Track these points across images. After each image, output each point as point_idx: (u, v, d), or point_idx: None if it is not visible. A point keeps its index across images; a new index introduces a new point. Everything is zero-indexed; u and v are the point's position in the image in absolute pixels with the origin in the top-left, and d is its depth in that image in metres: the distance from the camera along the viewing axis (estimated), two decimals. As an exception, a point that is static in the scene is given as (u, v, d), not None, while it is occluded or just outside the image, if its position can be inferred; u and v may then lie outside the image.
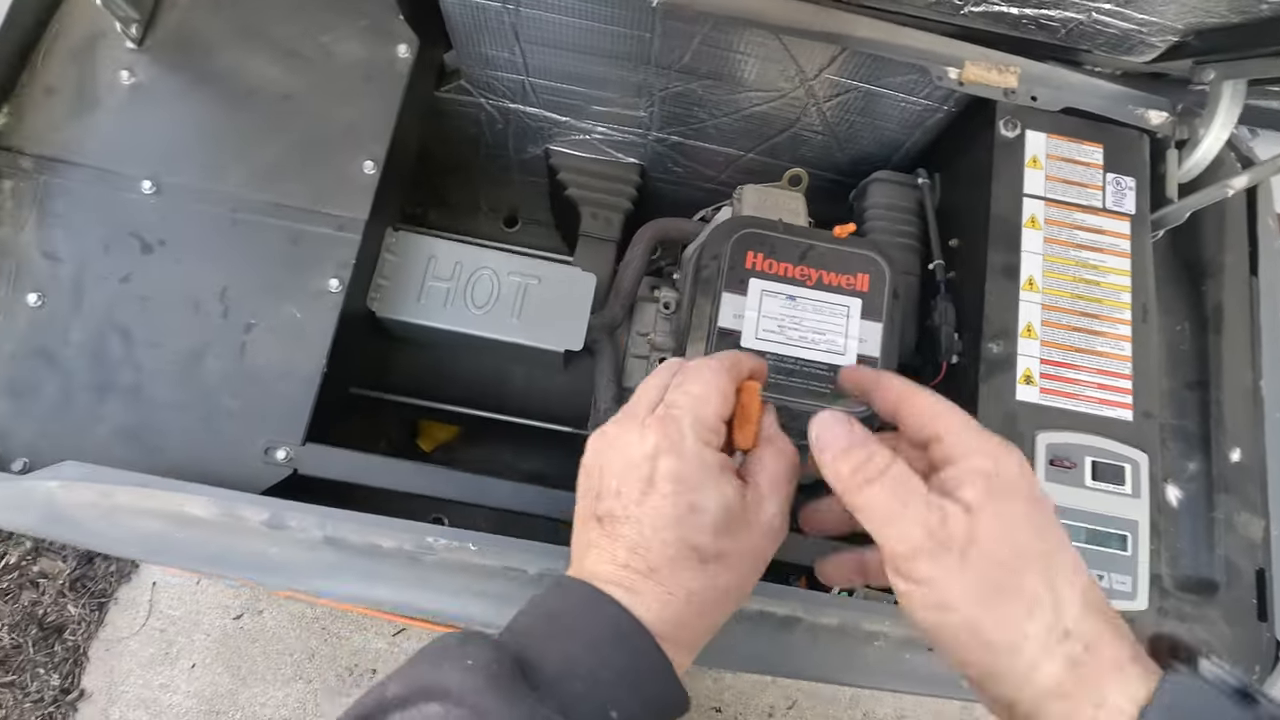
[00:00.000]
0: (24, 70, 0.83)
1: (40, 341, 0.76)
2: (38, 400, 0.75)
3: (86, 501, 0.66)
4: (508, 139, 1.25)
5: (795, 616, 0.69)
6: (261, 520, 0.67)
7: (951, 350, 0.87)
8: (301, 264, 0.81)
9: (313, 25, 0.88)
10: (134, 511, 0.67)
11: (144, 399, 0.76)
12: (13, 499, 0.66)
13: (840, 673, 0.71)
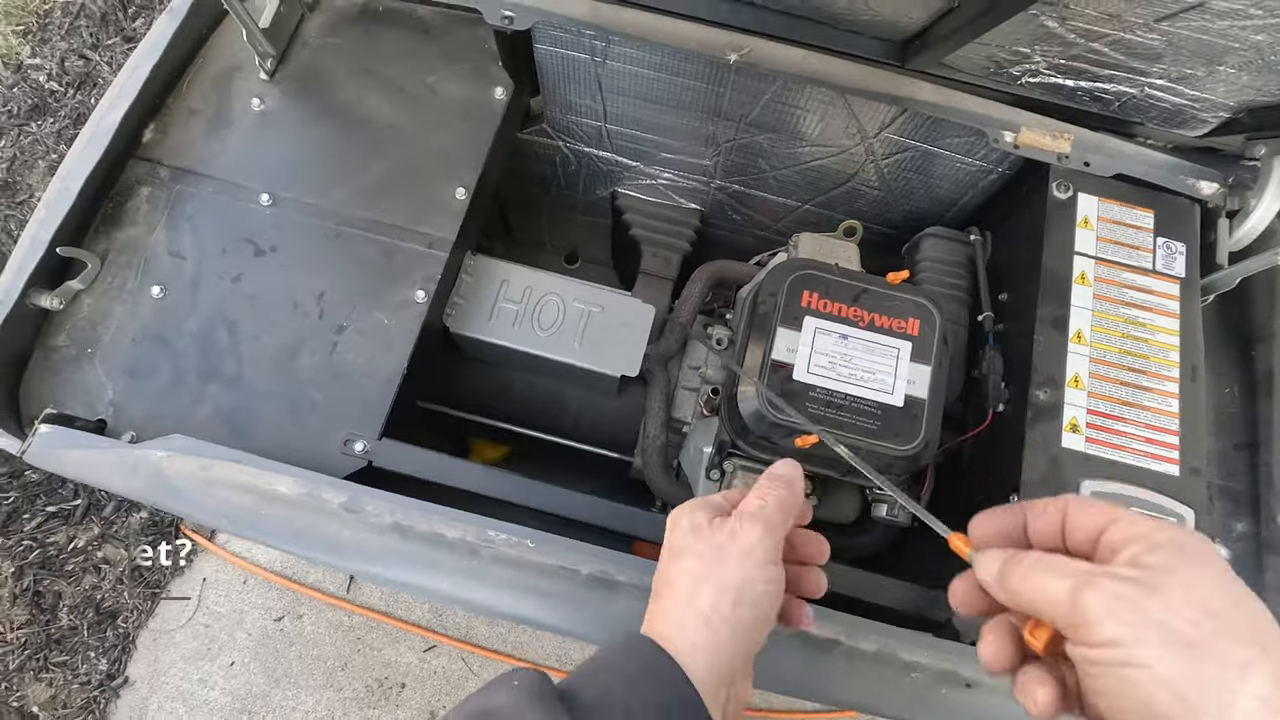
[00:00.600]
0: (171, 94, 0.94)
1: (159, 329, 0.85)
2: (151, 381, 0.83)
3: (188, 472, 0.73)
4: (579, 180, 1.34)
5: (835, 640, 0.70)
6: (340, 503, 0.72)
7: (998, 399, 0.90)
8: (393, 276, 0.88)
9: (421, 67, 0.99)
10: (228, 485, 0.73)
11: (242, 386, 0.83)
12: (125, 465, 0.73)
13: (875, 700, 0.71)
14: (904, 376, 0.87)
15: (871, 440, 0.84)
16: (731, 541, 0.49)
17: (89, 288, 0.85)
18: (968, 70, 0.92)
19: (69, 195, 0.84)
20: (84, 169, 0.85)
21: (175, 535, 1.53)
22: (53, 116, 1.80)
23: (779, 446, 0.89)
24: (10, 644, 1.42)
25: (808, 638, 0.70)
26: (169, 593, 1.50)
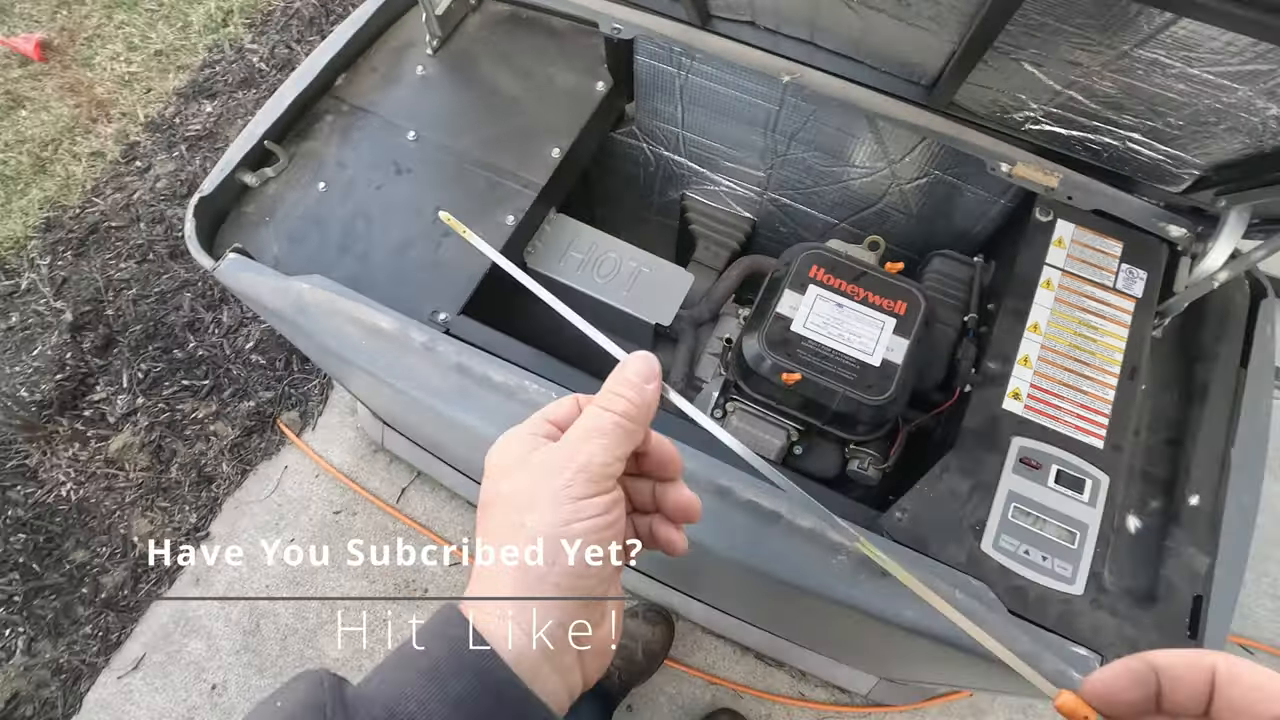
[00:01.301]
0: (361, 55, 1.27)
1: (317, 213, 1.13)
2: (304, 246, 1.11)
3: (319, 301, 0.98)
4: (655, 181, 1.59)
5: (777, 513, 0.86)
6: (421, 341, 0.96)
7: (966, 380, 1.05)
8: (493, 202, 1.14)
9: (545, 60, 1.27)
10: (345, 316, 0.98)
11: (367, 261, 1.10)
12: (278, 290, 1.00)
13: (803, 575, 0.86)
14: (884, 344, 1.04)
15: (848, 388, 1.02)
16: (551, 474, 0.39)
17: (276, 176, 1.16)
18: (980, 113, 1.12)
19: (279, 107, 1.15)
20: (292, 93, 1.17)
21: (271, 428, 1.82)
22: (256, 89, 2.25)
23: (772, 385, 1.07)
24: (131, 481, 1.72)
25: (758, 509, 0.87)
26: (256, 471, 1.78)
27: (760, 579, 0.92)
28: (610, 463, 0.40)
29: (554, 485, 0.39)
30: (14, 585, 1.61)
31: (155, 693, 1.59)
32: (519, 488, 0.40)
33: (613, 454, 0.40)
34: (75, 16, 2.42)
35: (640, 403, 0.42)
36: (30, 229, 2.01)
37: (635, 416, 0.42)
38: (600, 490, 0.40)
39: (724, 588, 1.29)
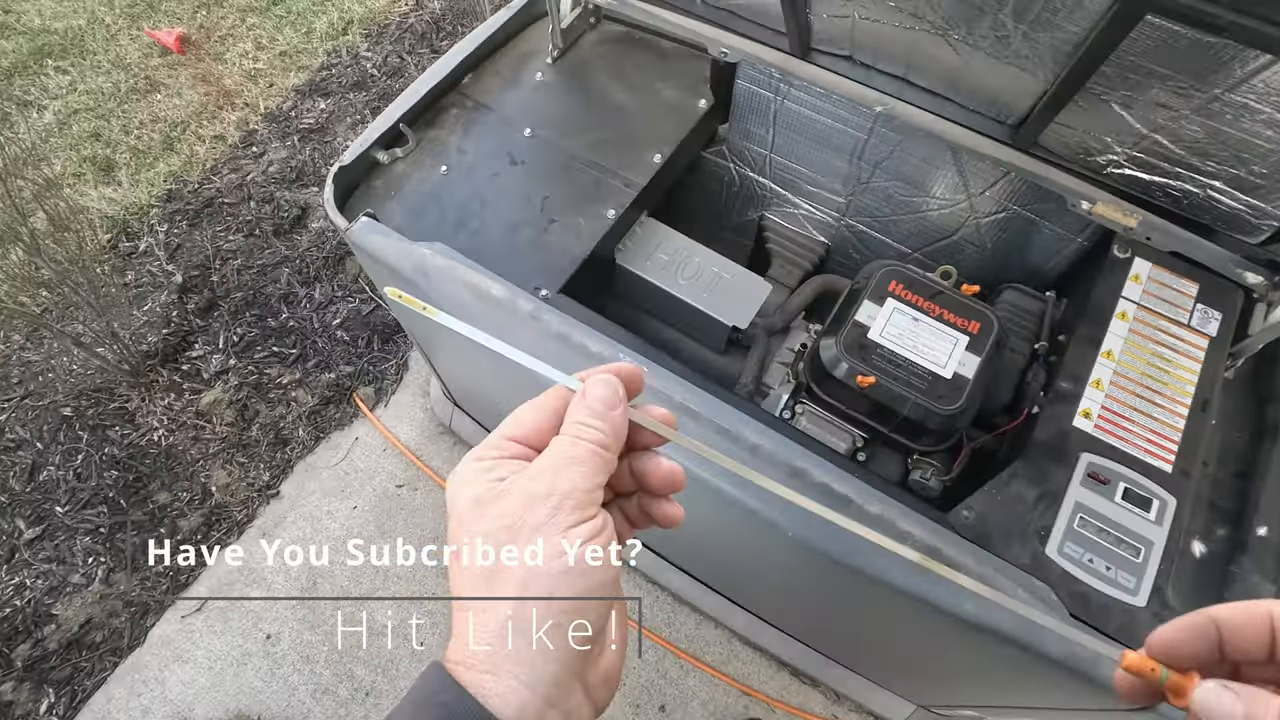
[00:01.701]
0: (488, 59, 1.39)
1: (438, 192, 1.24)
2: (423, 220, 1.21)
3: (438, 266, 1.08)
4: (736, 200, 1.68)
5: (848, 497, 0.91)
6: (528, 310, 1.04)
7: (1035, 402, 1.09)
8: (596, 198, 1.24)
9: (652, 76, 1.38)
10: (459, 280, 1.07)
11: (479, 238, 1.20)
12: (403, 252, 1.10)
13: (869, 561, 0.90)
14: (956, 359, 1.09)
15: (919, 395, 1.07)
16: (532, 505, 0.36)
17: (404, 157, 1.27)
18: (1063, 155, 1.18)
19: (415, 96, 1.27)
20: (426, 85, 1.29)
21: (347, 400, 1.93)
22: (366, 92, 2.43)
23: (845, 388, 1.12)
24: (216, 435, 1.84)
25: (830, 492, 0.92)
26: (329, 439, 1.88)
27: (824, 565, 0.96)
28: (592, 489, 0.38)
29: (537, 516, 0.36)
30: (102, 518, 1.72)
31: (214, 635, 1.67)
32: (495, 525, 0.36)
33: (594, 480, 0.38)
34: (213, 17, 2.67)
35: (611, 431, 0.40)
36: (153, 198, 2.19)
37: (609, 445, 0.39)
38: (587, 517, 0.37)
39: (777, 584, 1.32)
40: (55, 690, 1.58)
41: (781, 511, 0.94)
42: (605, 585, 0.37)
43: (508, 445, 0.40)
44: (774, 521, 0.95)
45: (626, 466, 0.43)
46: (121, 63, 2.54)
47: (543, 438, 0.40)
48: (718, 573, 1.56)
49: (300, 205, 2.16)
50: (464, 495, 0.38)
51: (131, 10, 2.68)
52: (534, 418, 0.41)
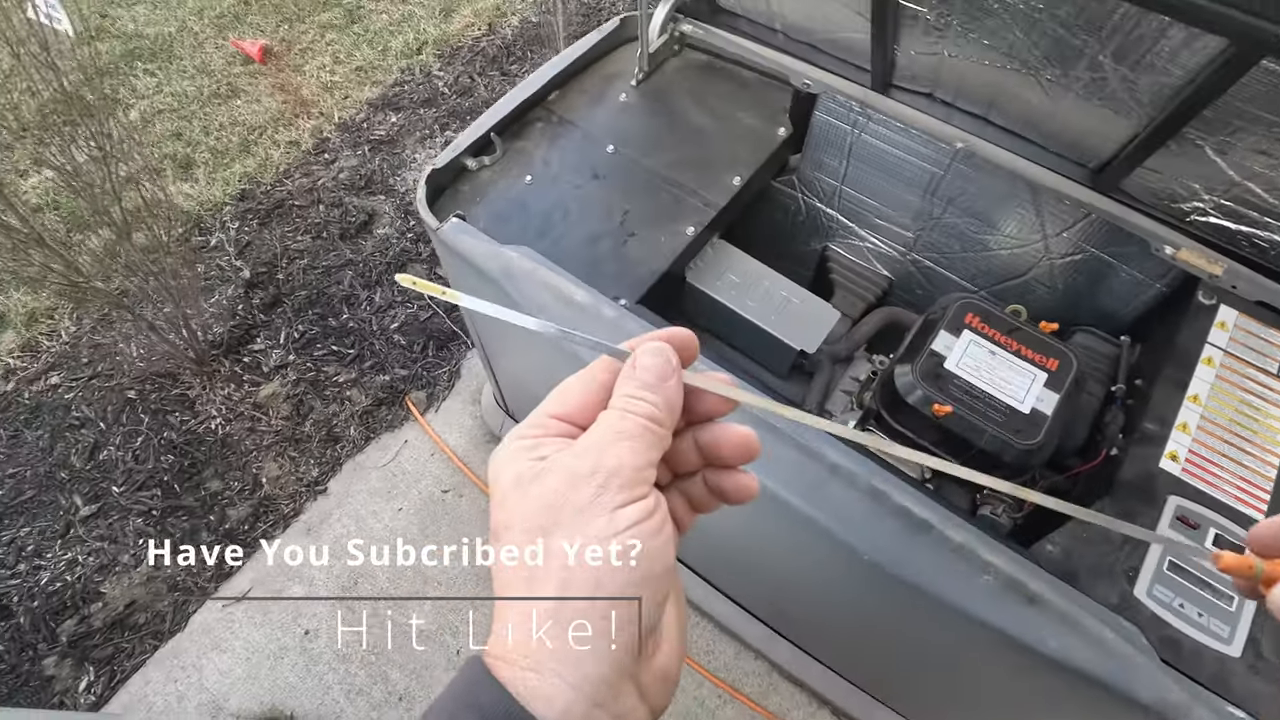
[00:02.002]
0: (575, 78, 1.44)
1: (522, 200, 1.28)
2: (507, 226, 1.25)
3: (524, 269, 1.11)
4: (799, 231, 1.70)
5: (929, 522, 0.90)
6: (611, 316, 1.06)
7: (1113, 444, 1.07)
8: (675, 215, 1.27)
9: (732, 103, 1.42)
10: (543, 284, 1.09)
11: (560, 246, 1.22)
12: (490, 254, 1.13)
13: (948, 589, 0.89)
14: (1034, 394, 1.09)
15: (996, 428, 1.06)
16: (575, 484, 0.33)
17: (491, 165, 1.31)
18: (1145, 200, 1.18)
19: (506, 108, 1.32)
20: (516, 99, 1.34)
21: (399, 403, 1.96)
22: (436, 108, 2.52)
23: (918, 415, 1.11)
24: (271, 428, 1.87)
25: (909, 515, 0.91)
26: (379, 440, 1.90)
27: (895, 592, 0.95)
28: (643, 466, 0.34)
29: (581, 496, 0.32)
30: (155, 500, 1.75)
31: (254, 626, 1.67)
32: (537, 506, 0.33)
33: (645, 457, 0.34)
34: (294, 31, 2.79)
35: (664, 404, 0.35)
36: (227, 197, 2.27)
37: (662, 420, 0.35)
38: (637, 496, 0.33)
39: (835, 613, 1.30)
40: (95, 669, 1.58)
41: (857, 532, 0.93)
42: (658, 575, 0.32)
43: (551, 423, 0.37)
44: (848, 543, 0.94)
45: (690, 441, 0.39)
46: (206, 69, 2.66)
47: (589, 414, 0.37)
48: (767, 599, 1.53)
49: (367, 211, 2.23)
50: (505, 474, 0.34)
51: (219, 21, 2.81)
52: (579, 392, 0.38)
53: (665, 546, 0.33)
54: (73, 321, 2.01)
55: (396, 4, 2.89)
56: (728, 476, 0.39)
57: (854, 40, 1.29)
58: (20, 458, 1.79)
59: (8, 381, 1.91)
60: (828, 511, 0.95)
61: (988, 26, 1.03)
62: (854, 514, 0.93)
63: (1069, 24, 0.93)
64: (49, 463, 1.79)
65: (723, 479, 0.39)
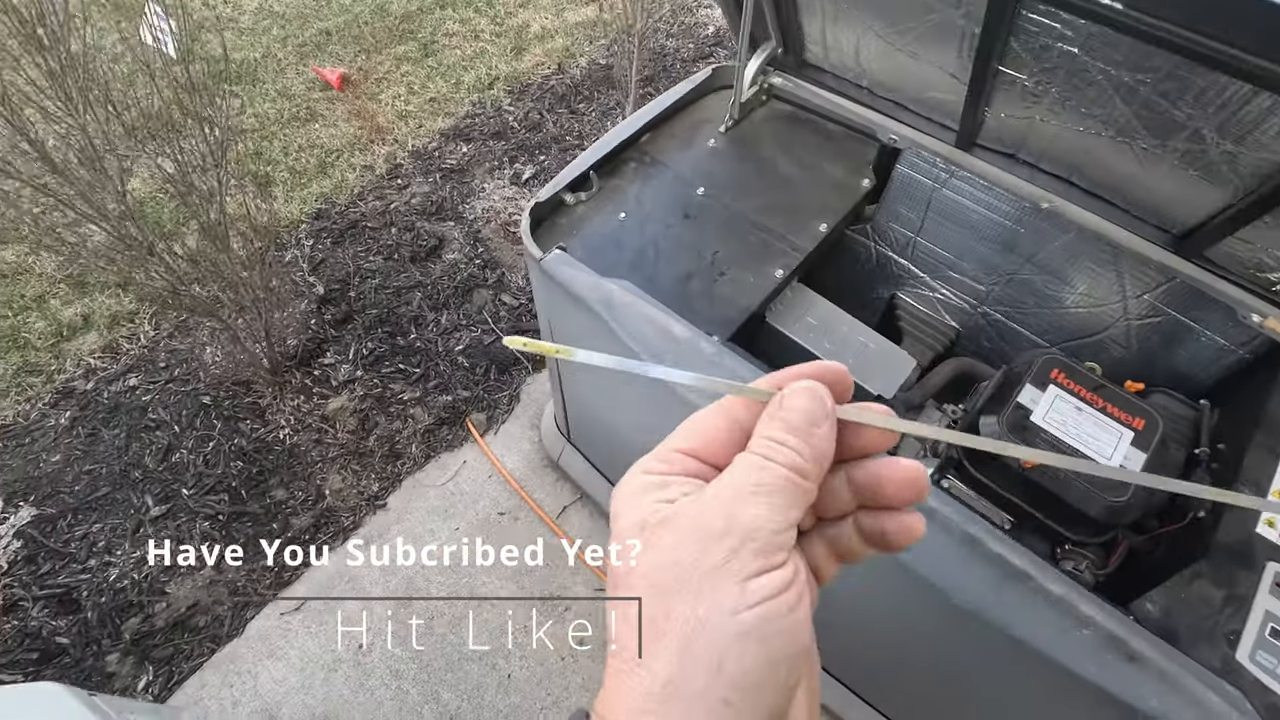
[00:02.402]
0: (666, 122, 1.51)
1: (616, 236, 1.33)
2: (601, 259, 1.29)
3: (625, 301, 1.15)
4: (866, 278, 1.74)
5: (1027, 572, 0.91)
6: (709, 352, 1.10)
7: (1200, 507, 1.08)
8: (764, 257, 1.31)
9: (817, 153, 1.47)
10: (644, 316, 1.13)
11: (653, 283, 1.27)
12: (592, 285, 1.17)
13: (1044, 641, 0.89)
14: (1121, 452, 1.10)
15: (1086, 483, 1.07)
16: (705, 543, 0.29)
17: (587, 200, 1.37)
18: (1231, 268, 1.21)
19: (605, 147, 1.38)
20: (615, 139, 1.40)
21: (460, 423, 1.99)
22: (505, 141, 2.61)
23: (1003, 467, 1.13)
24: (336, 441, 1.91)
25: (1005, 564, 0.92)
26: (439, 459, 1.94)
27: (987, 638, 0.95)
28: (782, 528, 0.30)
29: (710, 559, 0.29)
30: (222, 505, 1.79)
31: (309, 636, 1.69)
32: (661, 559, 0.29)
33: (785, 517, 0.30)
34: (371, 62, 2.93)
35: (812, 454, 0.31)
36: (304, 215, 2.36)
37: (808, 472, 0.31)
38: (773, 565, 0.29)
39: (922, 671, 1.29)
40: (155, 668, 1.61)
41: (950, 578, 0.94)
42: (790, 656, 0.28)
43: (678, 459, 0.33)
44: (940, 588, 0.95)
45: (842, 479, 0.34)
46: (287, 93, 2.79)
47: (722, 454, 0.33)
48: (846, 657, 1.53)
49: (437, 236, 2.31)
50: (627, 516, 0.31)
51: (301, 49, 2.95)
52: (711, 427, 0.34)
53: (800, 624, 0.29)
54: (152, 326, 2.09)
55: (469, 40, 3.02)
56: (890, 518, 0.33)
57: (941, 99, 1.34)
58: (97, 455, 1.85)
59: (88, 380, 1.98)
60: (919, 555, 0.96)
61: (1089, 96, 1.08)
62: (947, 559, 0.94)
63: (1175, 97, 0.97)
64: (124, 461, 1.84)
65: (884, 521, 0.34)
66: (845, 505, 0.34)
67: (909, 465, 0.33)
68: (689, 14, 3.20)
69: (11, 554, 1.68)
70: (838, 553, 0.35)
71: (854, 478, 0.34)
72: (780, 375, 0.34)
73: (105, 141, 1.44)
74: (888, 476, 0.33)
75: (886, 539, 0.34)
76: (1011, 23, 1.02)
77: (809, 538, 0.35)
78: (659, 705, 0.27)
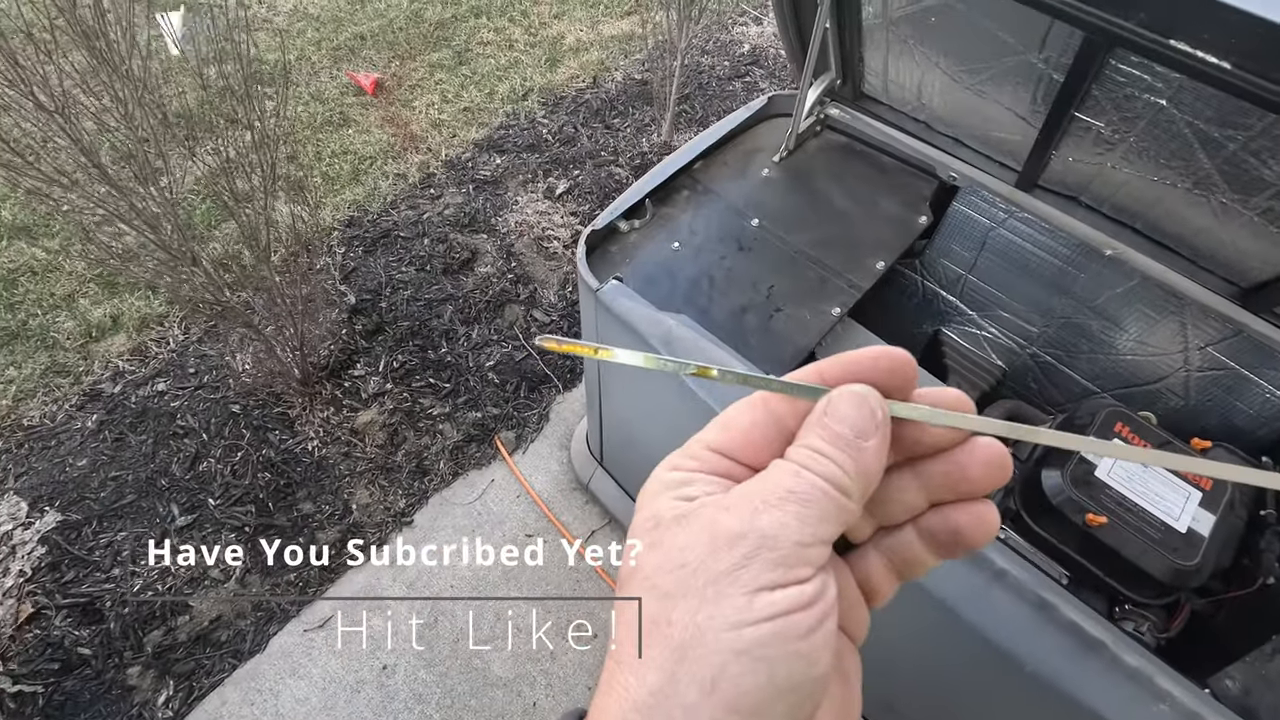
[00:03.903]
0: (718, 150, 1.49)
1: (669, 265, 1.31)
2: (654, 289, 1.27)
3: (684, 338, 1.13)
4: (910, 312, 1.71)
5: (1103, 642, 0.88)
6: (769, 394, 1.07)
7: (1270, 573, 1.05)
8: (821, 294, 1.29)
9: (872, 187, 1.45)
10: (703, 355, 1.11)
11: (706, 316, 1.24)
12: (649, 318, 1.15)
13: (1118, 713, 0.86)
14: (1189, 513, 1.07)
15: (1152, 544, 1.04)
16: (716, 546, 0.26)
17: (640, 228, 1.35)
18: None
19: (661, 175, 1.36)
20: (671, 168, 1.38)
21: (488, 441, 1.97)
22: (539, 154, 2.60)
23: (1063, 521, 1.10)
24: (365, 455, 1.89)
25: (1080, 632, 0.89)
26: (466, 477, 1.91)
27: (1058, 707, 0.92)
28: (809, 542, 0.26)
29: (720, 563, 0.26)
30: (249, 517, 1.77)
31: (332, 655, 1.66)
32: (668, 560, 0.27)
33: (814, 531, 0.26)
34: (405, 68, 2.92)
35: (856, 470, 0.28)
36: (336, 222, 2.35)
37: (849, 489, 0.27)
38: (791, 580, 0.25)
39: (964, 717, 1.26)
40: (175, 683, 1.58)
41: (1022, 644, 0.92)
42: (798, 684, 0.25)
43: (707, 456, 0.30)
44: (1012, 653, 0.92)
45: (908, 479, 0.30)
46: (320, 97, 2.77)
47: (758, 454, 0.29)
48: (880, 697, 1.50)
49: (470, 249, 2.29)
50: (644, 510, 0.29)
51: (336, 53, 2.95)
52: (748, 422, 0.30)
53: (818, 651, 0.25)
54: (181, 330, 2.07)
55: (504, 50, 3.01)
56: (963, 511, 0.29)
57: (1004, 139, 1.32)
58: (123, 461, 1.83)
59: (116, 384, 1.96)
60: (990, 619, 0.93)
61: (1169, 148, 1.05)
62: (1019, 625, 0.92)
63: (1267, 155, 0.95)
64: (150, 469, 1.82)
65: (957, 516, 0.29)
66: (914, 506, 0.30)
67: (988, 444, 0.29)
68: (724, 31, 3.18)
69: (36, 560, 1.66)
70: (898, 566, 0.31)
71: (925, 472, 0.30)
72: (829, 364, 0.30)
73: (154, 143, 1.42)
74: (967, 461, 0.29)
75: (960, 536, 0.30)
76: (1098, 72, 1.00)
77: (863, 552, 0.31)
78: (643, 715, 0.25)
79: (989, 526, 0.29)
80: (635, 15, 3.16)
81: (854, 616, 0.31)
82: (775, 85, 2.95)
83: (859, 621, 0.31)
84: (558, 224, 2.36)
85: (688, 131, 2.73)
